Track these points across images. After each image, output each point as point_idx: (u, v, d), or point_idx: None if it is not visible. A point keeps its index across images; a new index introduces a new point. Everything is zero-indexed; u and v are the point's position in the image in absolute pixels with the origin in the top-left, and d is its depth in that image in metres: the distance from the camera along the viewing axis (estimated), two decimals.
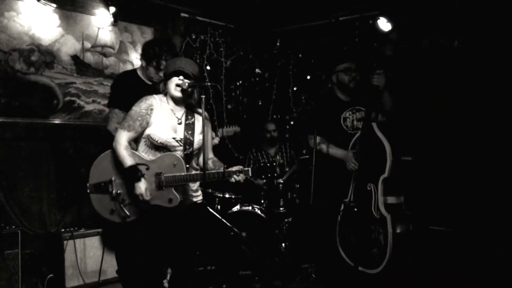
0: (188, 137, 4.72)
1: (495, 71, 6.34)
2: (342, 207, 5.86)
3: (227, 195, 7.37)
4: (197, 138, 4.78)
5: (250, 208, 7.15)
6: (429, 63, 7.11)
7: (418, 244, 6.01)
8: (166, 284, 5.69)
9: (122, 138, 4.63)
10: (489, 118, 6.31)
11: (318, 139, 6.19)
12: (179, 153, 4.68)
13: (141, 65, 5.96)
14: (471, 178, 6.41)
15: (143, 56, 5.90)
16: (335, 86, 6.31)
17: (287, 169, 7.25)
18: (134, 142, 4.81)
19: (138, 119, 4.62)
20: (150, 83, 5.56)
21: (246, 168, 4.67)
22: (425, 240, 6.18)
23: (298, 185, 7.61)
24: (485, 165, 6.32)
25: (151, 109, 4.64)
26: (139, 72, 5.99)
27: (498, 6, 6.32)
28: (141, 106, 4.65)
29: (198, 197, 4.98)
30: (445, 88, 6.85)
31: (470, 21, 6.64)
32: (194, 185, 4.93)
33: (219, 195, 7.32)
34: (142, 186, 4.51)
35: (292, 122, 9.39)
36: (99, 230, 6.85)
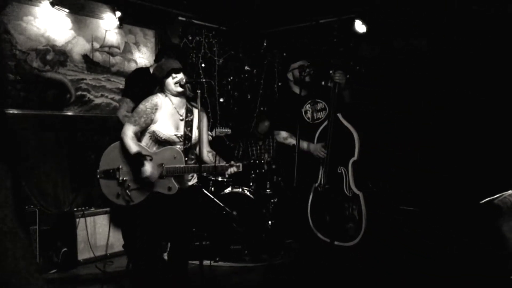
0: (187, 133, 4.81)
1: (458, 67, 6.44)
2: (312, 191, 5.90)
3: (219, 179, 7.41)
4: (195, 134, 4.86)
5: (240, 190, 7.18)
6: (401, 61, 7.19)
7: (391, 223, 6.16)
8: (165, 257, 5.79)
9: (129, 130, 4.72)
10: (452, 104, 6.37)
11: (285, 134, 6.22)
12: (179, 147, 4.79)
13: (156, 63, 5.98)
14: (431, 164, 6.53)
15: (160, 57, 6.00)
16: (291, 82, 6.28)
17: (273, 166, 7.33)
18: (139, 136, 4.87)
19: (144, 116, 4.72)
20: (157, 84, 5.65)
21: (237, 164, 4.82)
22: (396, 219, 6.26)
23: (283, 170, 7.70)
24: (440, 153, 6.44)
25: (156, 108, 4.74)
26: (151, 70, 5.99)
27: (461, 10, 6.43)
28: (146, 105, 4.75)
29: (193, 180, 5.05)
30: (413, 81, 6.93)
31: (437, 24, 6.73)
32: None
33: (213, 178, 7.37)
34: (148, 169, 4.59)
35: None
36: (107, 209, 6.95)
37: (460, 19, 6.41)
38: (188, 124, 4.86)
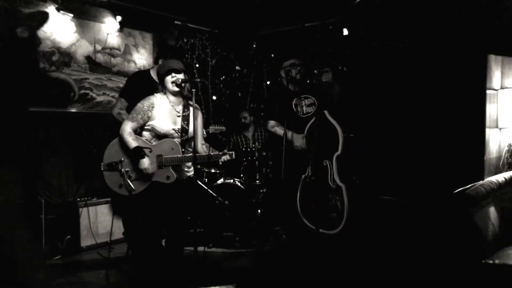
0: (184, 126, 4.86)
1: (431, 66, 6.45)
2: (301, 181, 5.98)
3: (212, 170, 7.43)
4: (191, 128, 4.88)
5: (231, 181, 7.18)
6: (380, 60, 7.20)
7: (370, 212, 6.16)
8: (163, 244, 5.79)
9: (127, 127, 4.79)
10: (427, 102, 6.39)
11: (273, 122, 6.33)
12: (177, 140, 4.82)
13: (158, 65, 5.98)
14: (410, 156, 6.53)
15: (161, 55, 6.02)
16: (284, 79, 6.35)
17: (264, 153, 7.33)
18: (140, 131, 4.94)
19: (141, 113, 4.79)
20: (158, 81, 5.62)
21: (230, 152, 4.84)
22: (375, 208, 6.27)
23: (271, 162, 7.71)
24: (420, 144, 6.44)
25: (152, 107, 4.80)
26: (151, 72, 6.06)
27: (436, 14, 6.43)
28: (144, 104, 4.82)
29: (190, 172, 5.08)
30: (391, 78, 6.93)
31: (413, 26, 6.73)
32: (188, 163, 5.06)
33: (206, 170, 7.38)
34: (145, 162, 4.67)
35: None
36: (108, 199, 7.01)
37: (438, 22, 6.40)
38: (185, 118, 4.91)
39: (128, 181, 4.83)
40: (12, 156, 3.81)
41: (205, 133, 6.04)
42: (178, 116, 4.90)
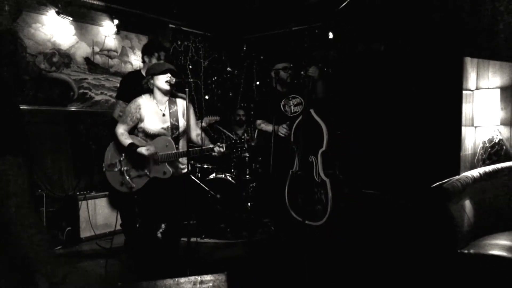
0: (173, 123, 4.83)
1: (412, 68, 6.49)
2: (289, 176, 6.04)
3: (205, 166, 7.44)
4: (181, 123, 4.88)
5: (223, 175, 7.19)
6: (363, 62, 7.23)
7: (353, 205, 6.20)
8: (159, 235, 5.81)
9: (119, 129, 4.82)
10: (408, 102, 6.42)
11: (259, 120, 6.48)
12: (169, 137, 4.83)
13: (145, 63, 5.93)
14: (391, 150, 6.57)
15: (146, 52, 5.98)
16: (274, 80, 6.43)
17: (252, 144, 7.34)
18: (136, 133, 4.94)
19: (129, 116, 4.79)
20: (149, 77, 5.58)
21: (221, 145, 4.85)
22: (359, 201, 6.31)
23: (260, 158, 7.73)
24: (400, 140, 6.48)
25: (139, 108, 4.78)
26: (142, 72, 5.95)
27: (415, 20, 6.47)
28: (131, 106, 4.81)
29: (185, 168, 5.07)
30: (374, 79, 6.96)
31: (395, 31, 6.77)
32: (182, 160, 5.07)
33: (199, 165, 7.41)
34: (143, 149, 4.65)
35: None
36: (106, 193, 6.98)
37: (414, 27, 6.45)
38: (173, 115, 4.87)
39: (128, 179, 4.84)
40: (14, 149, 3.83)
41: (200, 123, 6.06)
42: (163, 115, 4.87)
